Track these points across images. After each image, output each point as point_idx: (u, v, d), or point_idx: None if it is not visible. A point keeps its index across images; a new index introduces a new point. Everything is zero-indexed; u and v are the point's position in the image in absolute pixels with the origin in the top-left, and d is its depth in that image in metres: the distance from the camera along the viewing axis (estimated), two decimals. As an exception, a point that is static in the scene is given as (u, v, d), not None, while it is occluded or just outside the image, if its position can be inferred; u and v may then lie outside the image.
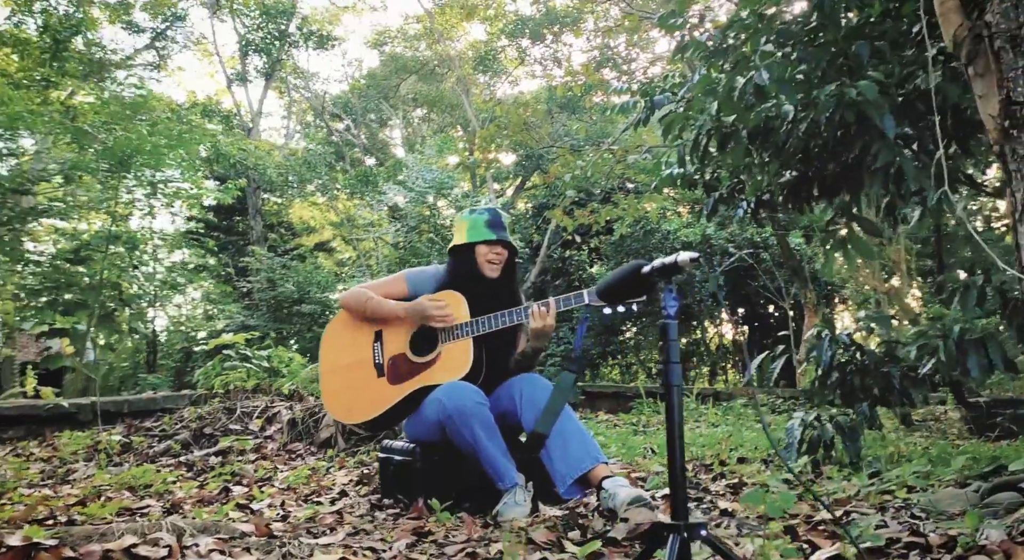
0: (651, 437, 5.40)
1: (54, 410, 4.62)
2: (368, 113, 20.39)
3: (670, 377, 1.56)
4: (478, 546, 2.06)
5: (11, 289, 11.64)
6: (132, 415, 4.83)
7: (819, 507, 2.44)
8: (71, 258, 11.91)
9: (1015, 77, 2.13)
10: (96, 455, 4.12)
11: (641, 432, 5.77)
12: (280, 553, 1.86)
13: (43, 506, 2.89)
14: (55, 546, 1.69)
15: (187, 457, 4.08)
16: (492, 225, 2.93)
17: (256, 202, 16.02)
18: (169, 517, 2.37)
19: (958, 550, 1.80)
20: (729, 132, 3.83)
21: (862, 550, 1.82)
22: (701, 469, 3.57)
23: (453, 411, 2.60)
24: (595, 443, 2.70)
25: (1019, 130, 2.13)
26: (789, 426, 3.54)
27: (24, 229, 11.71)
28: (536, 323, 2.70)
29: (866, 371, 3.57)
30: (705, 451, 4.17)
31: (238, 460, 4.03)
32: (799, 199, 4.12)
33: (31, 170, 11.75)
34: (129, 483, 3.50)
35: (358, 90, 19.96)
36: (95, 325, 11.17)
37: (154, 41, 19.14)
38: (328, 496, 3.01)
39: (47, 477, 3.81)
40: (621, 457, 4.07)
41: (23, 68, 15.74)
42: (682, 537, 1.46)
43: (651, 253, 15.51)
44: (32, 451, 4.30)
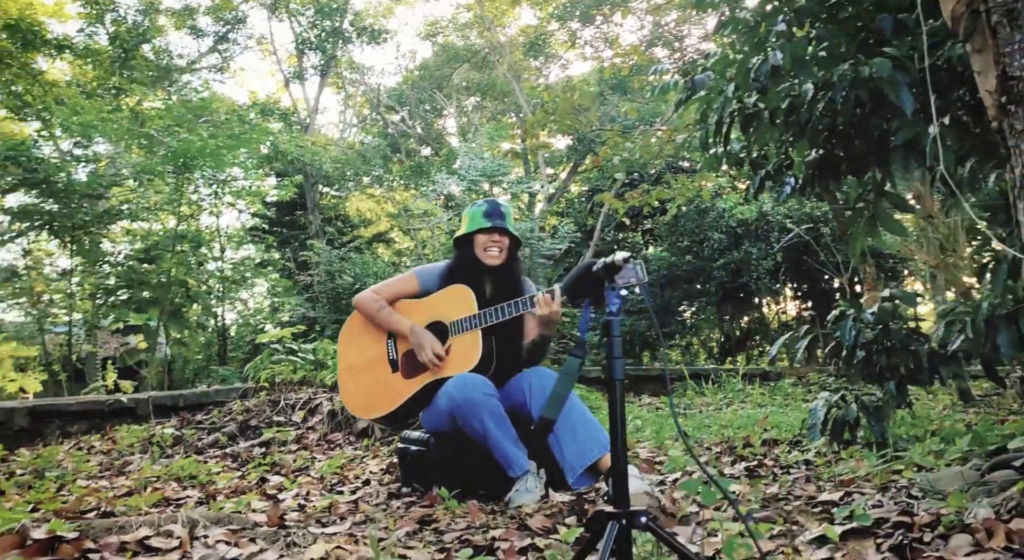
0: (691, 420, 5.38)
1: (114, 405, 4.89)
2: (423, 104, 20.58)
3: (613, 372, 1.60)
4: (476, 533, 2.14)
5: (88, 289, 12.23)
6: (186, 409, 5.07)
7: (824, 488, 2.44)
8: (142, 257, 12.43)
9: (1011, 52, 2.08)
10: (150, 448, 4.35)
11: (682, 415, 5.76)
12: (284, 543, 1.97)
13: (92, 497, 3.08)
14: (76, 539, 1.83)
15: (232, 448, 4.28)
16: (489, 214, 3.01)
17: (314, 197, 16.40)
18: (198, 508, 2.52)
19: (940, 528, 1.79)
20: (752, 113, 3.79)
21: (845, 530, 1.82)
22: (726, 451, 3.56)
23: (462, 402, 2.68)
24: (604, 432, 2.75)
25: (1016, 105, 2.08)
26: (813, 406, 3.52)
27: (100, 232, 12.25)
28: (542, 310, 2.74)
29: (892, 350, 3.50)
30: (738, 433, 4.15)
31: (280, 451, 4.21)
32: (826, 178, 4.05)
33: (105, 175, 12.30)
34: (176, 474, 3.70)
35: (411, 82, 20.16)
36: (165, 321, 11.64)
37: (217, 44, 19.71)
38: (352, 485, 3.13)
39: (104, 469, 4.05)
40: (651, 441, 4.09)
41: (95, 78, 16.43)
42: (620, 524, 1.50)
43: (706, 232, 15.30)
44: (93, 444, 4.58)
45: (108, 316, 12.49)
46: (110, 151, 12.65)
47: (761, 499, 2.43)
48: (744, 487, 2.61)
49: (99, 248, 12.34)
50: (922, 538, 1.77)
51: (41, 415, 4.77)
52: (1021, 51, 2.08)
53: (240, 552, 1.85)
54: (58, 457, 4.26)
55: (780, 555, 1.83)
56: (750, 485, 2.63)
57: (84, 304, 12.43)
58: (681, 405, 6.25)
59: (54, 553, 1.75)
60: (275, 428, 4.45)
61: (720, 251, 15.39)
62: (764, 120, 3.86)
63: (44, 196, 11.48)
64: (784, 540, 1.95)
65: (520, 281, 3.12)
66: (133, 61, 15.19)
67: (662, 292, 15.61)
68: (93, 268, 12.25)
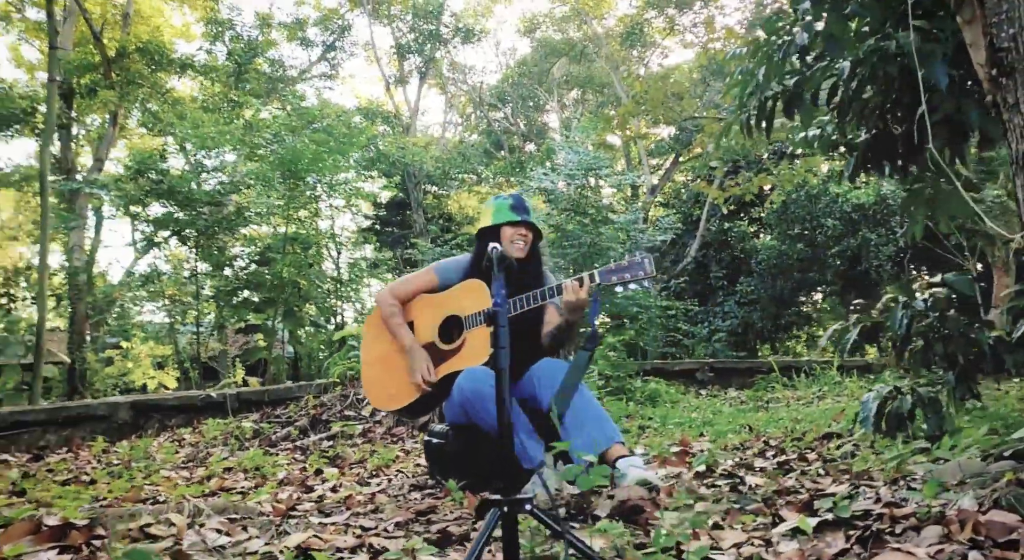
0: (766, 413, 5.24)
1: (206, 400, 5.28)
2: (524, 100, 20.76)
3: (499, 362, 1.63)
4: (463, 523, 2.20)
5: (212, 290, 13.12)
6: (270, 404, 5.40)
7: (841, 481, 2.38)
8: (257, 260, 13.21)
9: (999, 22, 1.95)
10: (230, 441, 4.68)
11: (762, 408, 5.61)
12: (276, 531, 2.10)
13: (163, 486, 3.35)
14: (87, 525, 2.02)
15: (302, 442, 4.52)
16: (516, 208, 3.05)
17: (417, 196, 16.89)
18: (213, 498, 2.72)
19: (912, 520, 1.74)
20: (794, 95, 3.67)
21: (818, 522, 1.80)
22: (777, 445, 3.48)
23: (471, 394, 2.74)
24: (612, 423, 2.75)
25: (1007, 77, 1.94)
26: (864, 398, 3.37)
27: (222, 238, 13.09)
28: (568, 296, 2.76)
29: (949, 338, 3.31)
30: (804, 427, 4.03)
31: (345, 444, 4.42)
32: (879, 158, 3.87)
33: (225, 183, 13.13)
34: (245, 466, 3.95)
35: (511, 79, 20.38)
36: (280, 320, 12.29)
37: (325, 53, 20.61)
38: (386, 477, 3.26)
39: (188, 460, 4.37)
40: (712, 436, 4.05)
41: (214, 93, 17.54)
42: (502, 511, 1.53)
43: (819, 219, 14.66)
44: (184, 437, 4.96)
45: (232, 316, 13.38)
46: (230, 162, 13.46)
47: (772, 492, 2.38)
48: (760, 479, 2.57)
49: (221, 252, 13.19)
50: (894, 530, 1.73)
51: (142, 410, 5.22)
52: (1009, 21, 1.93)
53: (228, 540, 2.00)
54: (151, 448, 4.65)
55: (749, 546, 1.82)
56: (767, 478, 2.59)
57: (210, 305, 13.34)
58: (764, 399, 6.08)
59: (64, 539, 1.95)
60: (342, 422, 4.68)
61: (835, 238, 14.72)
62: (806, 102, 3.73)
63: (174, 206, 12.42)
64: (763, 531, 1.93)
65: (542, 274, 3.15)
66: (246, 75, 16.12)
67: (773, 282, 15.10)
68: (217, 271, 13.14)
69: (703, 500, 2.31)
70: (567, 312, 2.86)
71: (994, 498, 1.74)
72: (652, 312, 12.94)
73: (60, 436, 4.86)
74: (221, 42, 18.06)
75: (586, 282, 2.81)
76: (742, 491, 2.43)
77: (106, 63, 15.41)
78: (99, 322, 14.90)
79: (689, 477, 2.73)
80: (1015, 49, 1.93)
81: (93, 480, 3.86)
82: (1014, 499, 1.68)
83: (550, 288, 2.84)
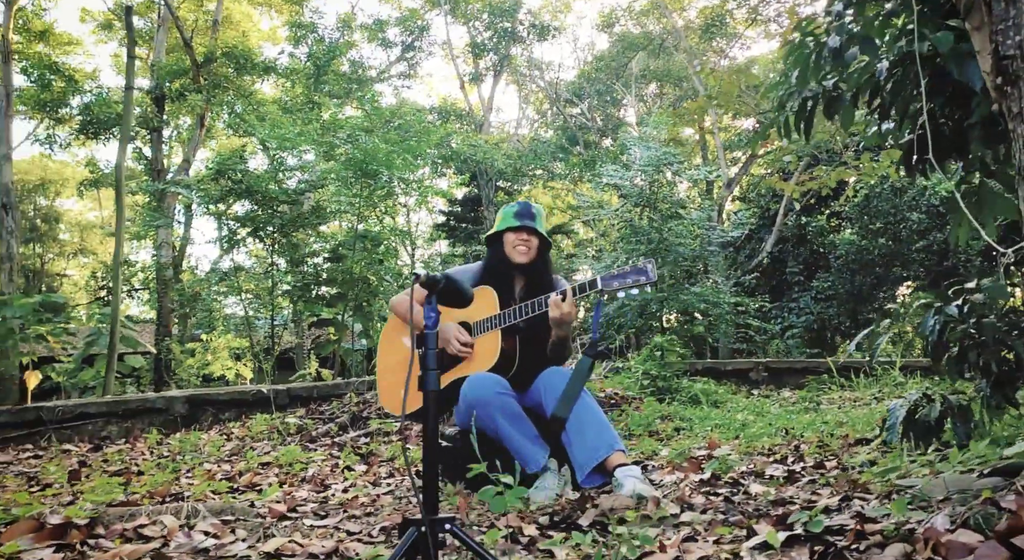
0: (819, 416, 5.06)
1: (257, 396, 5.46)
2: (602, 95, 20.60)
3: (427, 384, 1.64)
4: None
5: (286, 285, 13.55)
6: (318, 400, 5.54)
7: (839, 493, 2.31)
8: (330, 257, 13.56)
9: (1005, 29, 1.82)
10: (275, 435, 4.83)
11: (813, 410, 5.43)
12: (263, 533, 2.17)
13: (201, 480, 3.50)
14: (88, 524, 2.13)
15: (340, 438, 4.63)
16: (519, 215, 3.06)
17: (489, 193, 17.00)
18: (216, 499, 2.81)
19: (877, 537, 1.67)
20: (834, 96, 3.55)
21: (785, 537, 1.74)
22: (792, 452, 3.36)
23: (474, 401, 2.76)
24: (612, 431, 2.72)
25: (1012, 86, 1.81)
26: (892, 405, 3.24)
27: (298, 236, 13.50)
28: (553, 312, 2.76)
29: (984, 345, 3.15)
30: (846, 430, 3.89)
31: (381, 441, 4.50)
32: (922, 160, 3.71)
33: (301, 182, 13.53)
34: (281, 461, 4.07)
35: (588, 74, 20.25)
36: (351, 315, 12.61)
37: (404, 53, 20.96)
38: (399, 478, 3.31)
39: (232, 453, 4.54)
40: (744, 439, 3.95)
41: (296, 94, 18.09)
42: (420, 530, 1.53)
43: (902, 213, 14.04)
44: (233, 431, 5.14)
45: (307, 311, 13.80)
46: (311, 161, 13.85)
47: (769, 501, 2.32)
48: (763, 488, 2.50)
49: (296, 249, 13.61)
50: (859, 547, 1.67)
51: (197, 403, 5.45)
52: (1016, 27, 1.80)
53: (214, 542, 2.07)
54: (200, 441, 4.85)
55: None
56: (768, 487, 2.52)
57: (284, 300, 13.79)
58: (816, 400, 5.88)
59: (64, 538, 2.06)
60: (379, 420, 4.76)
61: (920, 232, 14.08)
62: (846, 102, 3.61)
63: (253, 204, 12.88)
64: (735, 544, 1.89)
65: (551, 281, 3.13)
66: (325, 76, 16.55)
67: (851, 278, 14.54)
68: (292, 267, 13.56)
69: (692, 510, 2.27)
70: (554, 327, 2.85)
71: (965, 517, 1.66)
72: (722, 308, 12.65)
73: (121, 427, 5.13)
74: (304, 45, 18.61)
75: (569, 296, 2.79)
76: (734, 501, 2.37)
77: (195, 68, 16.10)
78: (185, 315, 15.60)
79: (687, 485, 2.68)
80: (1020, 57, 1.81)
81: (140, 471, 4.05)
82: (982, 519, 1.59)
83: (537, 301, 2.83)
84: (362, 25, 20.64)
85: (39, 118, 18.59)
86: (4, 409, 4.95)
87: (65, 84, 16.81)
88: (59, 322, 12.97)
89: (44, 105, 17.07)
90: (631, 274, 2.69)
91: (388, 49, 20.76)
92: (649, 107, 20.99)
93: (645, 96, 21.63)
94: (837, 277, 14.86)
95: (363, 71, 20.04)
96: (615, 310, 12.91)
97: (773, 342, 14.47)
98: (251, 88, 18.07)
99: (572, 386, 2.75)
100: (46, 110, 17.41)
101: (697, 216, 13.59)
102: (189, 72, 16.34)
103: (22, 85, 17.83)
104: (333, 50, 16.89)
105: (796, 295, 15.49)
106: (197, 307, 15.66)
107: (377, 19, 20.35)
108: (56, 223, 29.52)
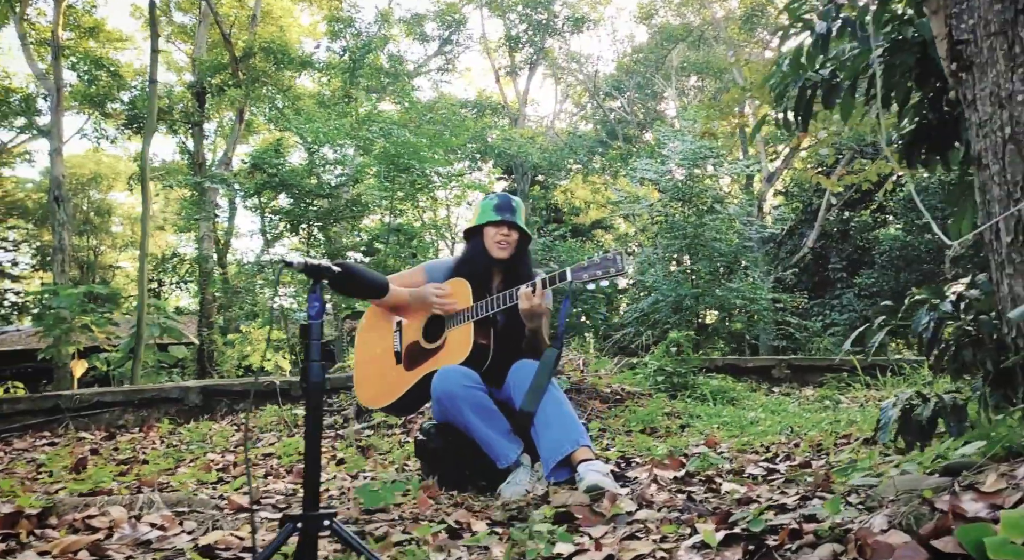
0: (836, 414, 4.93)
1: (270, 387, 5.53)
2: (642, 88, 20.37)
3: (309, 376, 1.60)
4: (399, 524, 2.21)
5: (321, 280, 13.72)
6: (329, 391, 5.58)
7: (802, 493, 2.25)
8: (365, 249, 13.70)
9: (959, 12, 1.72)
10: (281, 427, 4.89)
11: (830, 408, 5.29)
12: (211, 526, 2.19)
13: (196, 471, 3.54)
14: (39, 514, 2.17)
15: (344, 430, 4.66)
16: (499, 208, 3.01)
17: (524, 187, 16.95)
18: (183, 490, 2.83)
19: (809, 537, 1.62)
20: (833, 85, 3.45)
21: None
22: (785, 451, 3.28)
23: (442, 395, 2.73)
24: (578, 426, 2.67)
25: (966, 72, 1.71)
26: (884, 404, 3.13)
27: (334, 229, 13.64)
28: (523, 304, 2.71)
29: (979, 343, 3.03)
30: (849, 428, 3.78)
31: (383, 434, 4.52)
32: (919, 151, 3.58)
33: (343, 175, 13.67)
34: (280, 452, 4.12)
35: (626, 67, 20.03)
36: (382, 307, 12.70)
37: (441, 47, 21.01)
38: (385, 471, 3.32)
39: (238, 444, 4.60)
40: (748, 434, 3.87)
41: (334, 89, 18.26)
42: (294, 526, 1.51)
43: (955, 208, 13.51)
44: (243, 421, 5.22)
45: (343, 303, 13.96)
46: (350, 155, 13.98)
47: (733, 501, 2.27)
48: (736, 486, 2.44)
49: (331, 242, 13.76)
50: (791, 547, 1.61)
51: (211, 394, 5.54)
52: (969, 11, 1.70)
53: (158, 534, 2.08)
54: (210, 432, 4.93)
55: (651, 558, 1.74)
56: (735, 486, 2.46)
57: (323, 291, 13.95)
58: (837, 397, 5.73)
59: (14, 528, 2.10)
60: (383, 413, 4.77)
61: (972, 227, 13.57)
62: (844, 92, 3.52)
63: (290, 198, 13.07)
64: (675, 543, 1.85)
65: (530, 275, 3.09)
66: (360, 71, 16.68)
67: (896, 275, 14.13)
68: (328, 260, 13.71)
69: (650, 508, 2.23)
70: (525, 320, 2.81)
71: (902, 518, 1.59)
72: (760, 305, 12.40)
73: (137, 416, 5.25)
74: (343, 39, 18.78)
75: (538, 288, 2.75)
76: (695, 500, 2.31)
77: (234, 63, 16.38)
78: (225, 306, 15.90)
79: (662, 481, 2.62)
80: (974, 41, 1.71)
81: (146, 461, 4.14)
82: (914, 519, 1.52)
83: (508, 293, 2.79)
84: (400, 19, 20.76)
85: (88, 113, 19.11)
86: (24, 397, 5.11)
87: (110, 79, 17.25)
88: (104, 312, 13.31)
89: (92, 100, 17.53)
90: (601, 265, 2.65)
91: (425, 43, 20.85)
92: (691, 100, 20.68)
93: (686, 89, 21.32)
94: (881, 274, 14.47)
95: (400, 66, 20.15)
96: (648, 306, 12.76)
97: (814, 340, 14.15)
98: (290, 83, 18.32)
99: (539, 379, 2.71)
100: (94, 105, 17.88)
101: (735, 211, 13.34)
102: (228, 67, 16.63)
103: (72, 81, 18.40)
104: (369, 44, 17.01)
105: (839, 292, 15.13)
106: (238, 299, 15.99)
107: (415, 14, 20.44)
108: (108, 216, 30.39)
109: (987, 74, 1.66)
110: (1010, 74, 1.61)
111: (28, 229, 27.74)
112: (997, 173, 1.68)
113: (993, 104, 1.66)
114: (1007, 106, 1.62)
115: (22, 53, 17.35)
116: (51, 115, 16.59)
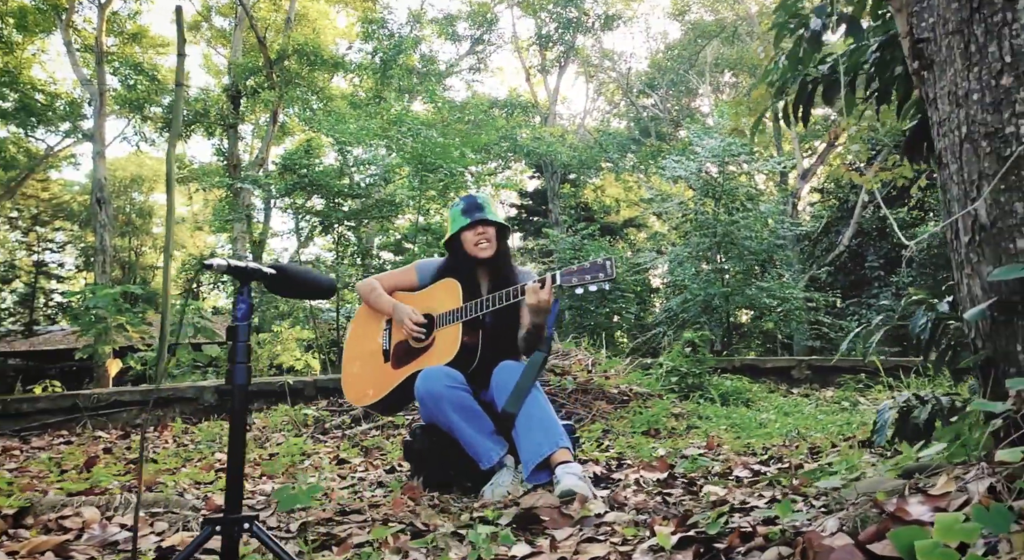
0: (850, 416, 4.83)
1: (283, 386, 5.59)
2: (676, 85, 20.17)
3: (235, 378, 1.58)
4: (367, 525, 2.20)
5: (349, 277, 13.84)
6: (341, 392, 5.62)
7: (779, 496, 2.20)
8: (393, 249, 13.78)
9: (920, 11, 1.65)
10: (292, 427, 4.93)
11: (847, 411, 5.18)
12: (182, 527, 2.21)
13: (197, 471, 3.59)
14: (15, 514, 2.21)
15: (351, 431, 4.68)
16: (467, 211, 2.99)
17: (554, 185, 16.88)
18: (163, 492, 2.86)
19: (758, 539, 1.58)
20: (833, 80, 3.38)
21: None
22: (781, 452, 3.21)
23: (425, 395, 2.72)
24: (559, 428, 2.63)
25: (927, 70, 1.65)
26: (881, 406, 3.06)
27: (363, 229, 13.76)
28: (531, 299, 2.69)
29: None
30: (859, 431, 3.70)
31: (388, 435, 4.53)
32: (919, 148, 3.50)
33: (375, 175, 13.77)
34: (284, 452, 4.16)
35: (659, 63, 19.85)
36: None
37: (473, 46, 21.05)
38: (374, 472, 3.32)
39: (248, 442, 4.65)
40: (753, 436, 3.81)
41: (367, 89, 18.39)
42: (213, 529, 1.49)
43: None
44: (255, 421, 5.27)
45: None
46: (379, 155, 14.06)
47: (709, 503, 2.23)
48: (716, 488, 2.40)
49: (360, 241, 13.86)
50: (741, 549, 1.58)
51: (225, 393, 5.59)
52: (929, 10, 1.63)
53: (127, 535, 2.10)
54: (221, 431, 4.99)
55: None
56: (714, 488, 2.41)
57: (348, 293, 14.10)
58: (855, 399, 5.61)
59: (-11, 527, 2.14)
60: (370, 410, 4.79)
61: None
62: (843, 87, 3.46)
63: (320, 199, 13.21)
64: (632, 545, 1.82)
65: (511, 271, 3.06)
66: (391, 71, 16.77)
67: (935, 273, 13.76)
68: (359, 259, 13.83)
69: (620, 510, 2.20)
70: (531, 314, 2.78)
71: (853, 520, 1.56)
72: (792, 304, 12.18)
73: (154, 415, 5.34)
74: (376, 40, 18.91)
75: (548, 283, 2.72)
76: (669, 502, 2.28)
77: (268, 65, 16.60)
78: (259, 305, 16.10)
79: (644, 483, 2.59)
80: (934, 40, 1.64)
81: (155, 460, 4.20)
82: (860, 522, 1.48)
83: (513, 289, 2.77)
84: (432, 19, 20.84)
85: (129, 117, 19.54)
86: (43, 396, 5.23)
87: (149, 84, 17.60)
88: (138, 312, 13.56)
89: (132, 104, 17.92)
90: (591, 270, 2.62)
91: (457, 43, 20.89)
92: (726, 96, 20.41)
93: (720, 85, 21.05)
94: (919, 273, 14.11)
95: (432, 65, 20.23)
96: (678, 305, 12.62)
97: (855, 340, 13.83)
98: (323, 84, 18.50)
99: (523, 381, 2.69)
100: (134, 109, 18.27)
101: (767, 208, 13.13)
102: (263, 70, 16.85)
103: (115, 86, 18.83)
104: (400, 45, 17.10)
105: (876, 291, 14.79)
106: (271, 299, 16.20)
107: (447, 14, 20.50)
108: (150, 217, 31.06)
109: (946, 73, 1.59)
110: (966, 73, 1.54)
111: (73, 231, 28.46)
112: (955, 172, 1.62)
113: (951, 103, 1.59)
114: (963, 105, 1.55)
115: (67, 59, 17.82)
116: (94, 119, 16.99)
